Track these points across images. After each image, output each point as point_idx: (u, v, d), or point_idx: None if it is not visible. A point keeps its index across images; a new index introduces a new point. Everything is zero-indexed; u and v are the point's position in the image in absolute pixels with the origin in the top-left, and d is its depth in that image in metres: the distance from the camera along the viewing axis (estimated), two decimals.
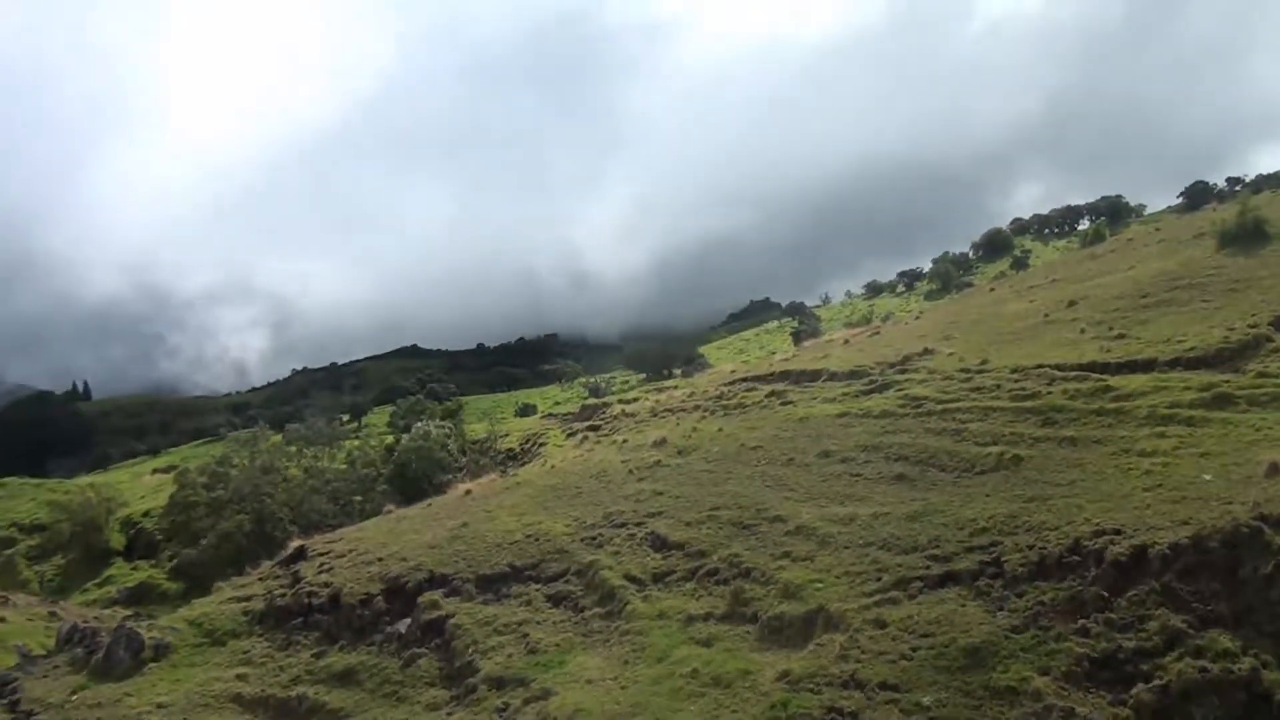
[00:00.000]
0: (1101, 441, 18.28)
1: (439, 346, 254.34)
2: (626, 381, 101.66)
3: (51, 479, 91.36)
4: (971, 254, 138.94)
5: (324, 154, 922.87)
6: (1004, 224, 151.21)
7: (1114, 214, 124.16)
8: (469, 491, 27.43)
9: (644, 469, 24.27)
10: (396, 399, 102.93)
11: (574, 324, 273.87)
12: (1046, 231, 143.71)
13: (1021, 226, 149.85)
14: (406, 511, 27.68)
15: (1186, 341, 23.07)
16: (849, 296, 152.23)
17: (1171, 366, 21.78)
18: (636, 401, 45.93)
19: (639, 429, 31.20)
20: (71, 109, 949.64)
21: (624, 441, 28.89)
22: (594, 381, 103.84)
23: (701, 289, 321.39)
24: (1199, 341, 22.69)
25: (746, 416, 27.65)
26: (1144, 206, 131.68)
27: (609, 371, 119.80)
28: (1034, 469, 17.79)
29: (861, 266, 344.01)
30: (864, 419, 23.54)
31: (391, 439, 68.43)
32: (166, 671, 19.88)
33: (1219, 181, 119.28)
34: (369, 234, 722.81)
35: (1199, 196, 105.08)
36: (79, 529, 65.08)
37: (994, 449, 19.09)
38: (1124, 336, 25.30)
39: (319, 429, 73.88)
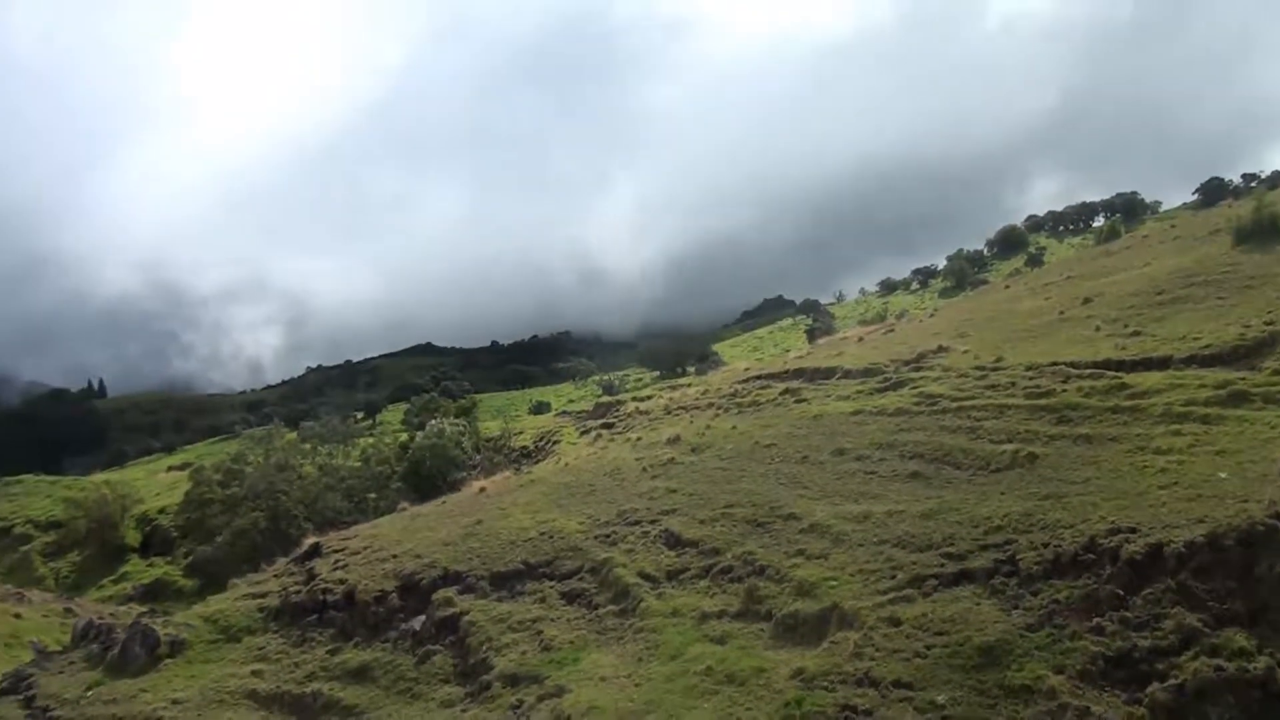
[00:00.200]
0: (1117, 439, 18.16)
1: (453, 344, 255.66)
2: (640, 379, 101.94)
3: (67, 476, 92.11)
4: (986, 251, 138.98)
5: (337, 152, 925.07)
6: (1019, 221, 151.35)
7: (1129, 211, 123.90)
8: (483, 489, 27.48)
9: (658, 466, 24.26)
10: (411, 396, 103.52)
11: (587, 322, 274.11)
12: (1061, 228, 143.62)
13: (1036, 223, 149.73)
14: (421, 509, 27.75)
15: (1202, 339, 22.88)
16: (863, 294, 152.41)
17: (1187, 364, 21.61)
18: (650, 399, 45.89)
19: (653, 426, 31.19)
20: (86, 108, 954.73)
21: (638, 439, 28.88)
22: (608, 379, 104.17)
23: (715, 286, 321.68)
24: (1215, 339, 22.51)
25: (760, 414, 27.61)
26: (1159, 203, 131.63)
27: (623, 369, 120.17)
28: (1049, 467, 17.68)
29: (875, 264, 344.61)
30: (878, 416, 23.47)
31: (406, 436, 68.63)
32: (182, 668, 19.97)
33: (1234, 177, 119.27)
34: (382, 232, 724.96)
35: (1214, 193, 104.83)
36: (94, 526, 65.55)
37: (1009, 447, 18.96)
38: (1139, 334, 25.14)
39: (333, 426, 74.33)
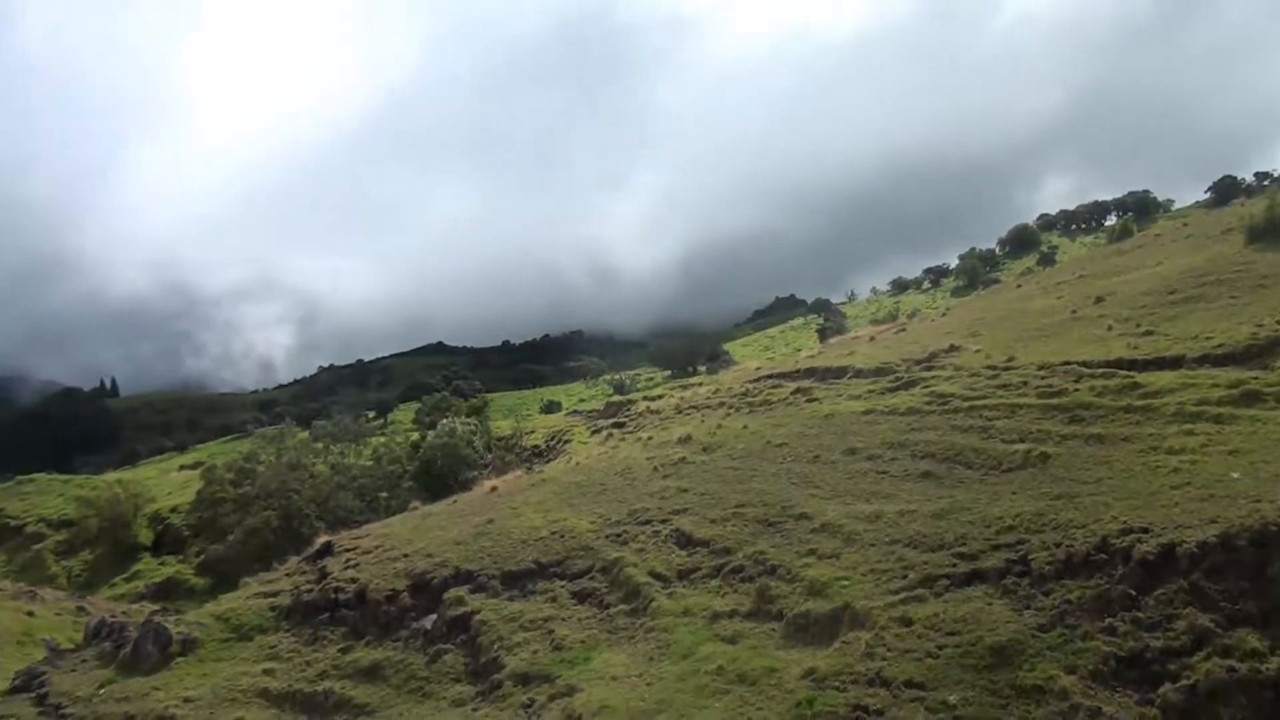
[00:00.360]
0: (1129, 439, 18.10)
1: (464, 343, 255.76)
2: (651, 378, 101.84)
3: (79, 475, 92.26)
4: (998, 250, 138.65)
5: (349, 152, 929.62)
6: (1031, 220, 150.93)
7: (1141, 209, 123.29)
8: (494, 488, 27.55)
9: (669, 466, 24.29)
10: (422, 396, 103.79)
11: (599, 321, 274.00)
12: (1073, 227, 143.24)
13: (1048, 222, 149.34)
14: (432, 508, 27.84)
15: (1215, 338, 22.79)
16: (875, 293, 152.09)
17: (1199, 363, 21.53)
18: (661, 398, 45.87)
19: (664, 426, 31.22)
20: (100, 110, 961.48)
21: (649, 438, 28.92)
22: (619, 378, 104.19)
23: (727, 285, 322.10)
24: (1227, 338, 22.42)
25: (772, 413, 27.61)
26: (1172, 202, 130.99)
27: (634, 368, 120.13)
28: (1061, 467, 17.63)
29: (887, 263, 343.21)
30: (890, 416, 23.45)
31: (417, 436, 68.74)
32: (194, 666, 20.10)
33: (1247, 176, 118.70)
34: (394, 231, 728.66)
35: (1227, 191, 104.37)
36: (107, 525, 65.73)
37: (1021, 446, 18.94)
38: (1152, 333, 25.05)
39: (345, 426, 74.44)
